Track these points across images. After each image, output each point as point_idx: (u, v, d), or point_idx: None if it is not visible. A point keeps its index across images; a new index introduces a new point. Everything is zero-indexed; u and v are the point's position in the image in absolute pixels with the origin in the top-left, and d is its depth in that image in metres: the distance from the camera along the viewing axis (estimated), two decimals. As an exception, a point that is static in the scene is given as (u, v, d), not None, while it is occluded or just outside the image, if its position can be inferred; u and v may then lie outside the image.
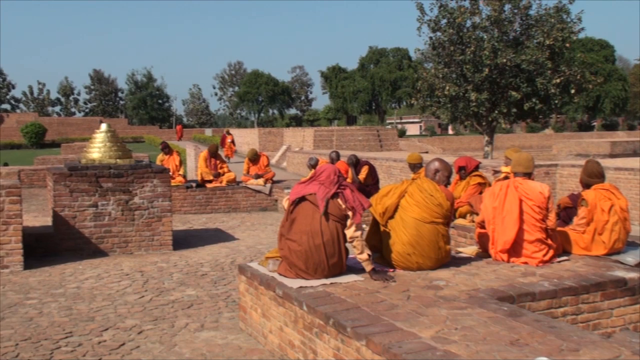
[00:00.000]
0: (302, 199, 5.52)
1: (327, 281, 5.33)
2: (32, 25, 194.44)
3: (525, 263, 6.00)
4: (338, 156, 14.25)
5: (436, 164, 6.09)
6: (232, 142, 36.27)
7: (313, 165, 13.60)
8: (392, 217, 5.83)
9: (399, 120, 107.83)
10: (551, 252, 6.06)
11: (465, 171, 9.14)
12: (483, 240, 6.45)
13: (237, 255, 9.62)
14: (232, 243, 10.75)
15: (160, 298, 7.19)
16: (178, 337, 5.84)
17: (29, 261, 8.72)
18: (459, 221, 8.66)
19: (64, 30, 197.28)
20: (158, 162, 15.35)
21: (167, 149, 16.05)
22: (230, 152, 34.96)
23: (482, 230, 6.44)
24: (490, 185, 8.30)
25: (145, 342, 5.69)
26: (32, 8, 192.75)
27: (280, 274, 5.53)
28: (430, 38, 29.22)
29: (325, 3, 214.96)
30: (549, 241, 6.06)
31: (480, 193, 8.61)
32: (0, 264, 8.43)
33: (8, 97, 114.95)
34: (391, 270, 5.75)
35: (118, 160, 10.14)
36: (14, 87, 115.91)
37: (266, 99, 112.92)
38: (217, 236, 11.45)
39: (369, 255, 5.43)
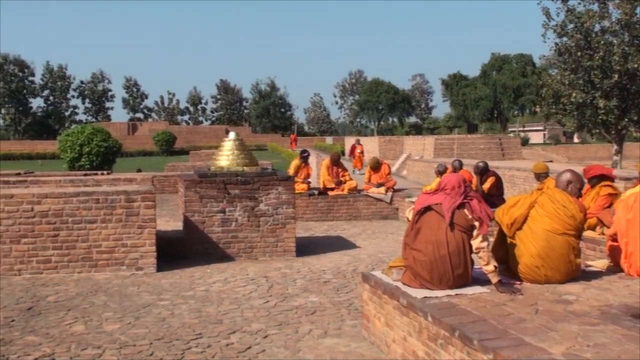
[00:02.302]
0: (428, 208, 5.50)
1: (452, 292, 5.27)
2: (163, 39, 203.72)
3: (662, 279, 5.70)
4: (461, 165, 14.08)
5: (568, 175, 5.90)
6: (362, 152, 34.81)
7: (441, 171, 13.51)
8: (520, 228, 5.70)
9: (521, 128, 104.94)
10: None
11: (598, 180, 8.79)
12: (615, 254, 6.19)
13: (358, 263, 9.67)
14: (353, 251, 10.82)
15: (285, 303, 7.33)
16: (302, 342, 5.94)
17: (161, 264, 9.12)
18: (588, 233, 8.32)
19: (194, 42, 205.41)
20: (293, 168, 15.54)
21: (306, 157, 16.15)
22: (360, 164, 33.61)
23: (614, 243, 6.18)
24: (621, 196, 7.94)
25: (271, 347, 5.82)
26: (164, 23, 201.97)
27: (404, 284, 5.52)
28: (556, 44, 28.30)
29: (446, 10, 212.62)
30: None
31: (610, 205, 8.27)
32: (135, 266, 8.88)
33: (141, 106, 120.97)
34: (518, 282, 5.62)
35: (245, 167, 10.45)
36: (146, 97, 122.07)
37: (386, 107, 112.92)
38: (339, 244, 11.55)
39: (495, 266, 5.33)
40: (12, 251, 8.57)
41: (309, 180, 15.90)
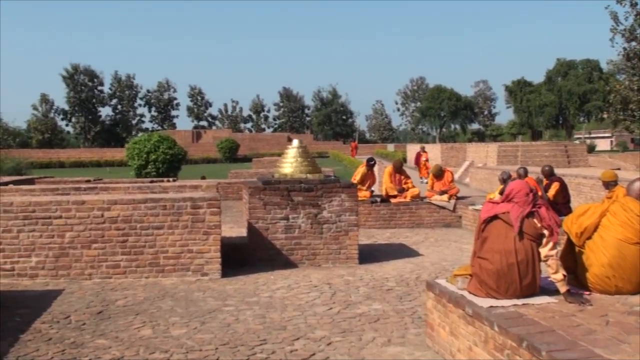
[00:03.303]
0: (494, 217, 5.43)
1: (519, 302, 5.19)
2: (227, 48, 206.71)
3: None
4: (526, 172, 13.84)
5: (641, 184, 5.74)
6: (428, 160, 33.07)
7: (505, 179, 13.33)
8: (589, 237, 5.57)
9: (587, 135, 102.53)
10: None
11: None
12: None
13: (422, 271, 9.61)
14: (416, 259, 10.75)
15: (348, 311, 7.33)
16: (366, 350, 5.93)
17: (226, 270, 9.24)
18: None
19: (257, 51, 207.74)
20: (359, 175, 15.56)
21: (372, 163, 16.19)
22: (426, 172, 31.37)
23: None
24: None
25: (335, 354, 5.82)
26: (228, 33, 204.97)
27: (470, 292, 5.46)
28: (625, 48, 27.61)
29: (510, 15, 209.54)
30: None
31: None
32: (201, 272, 9.03)
33: (205, 114, 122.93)
34: (587, 292, 5.49)
35: (308, 175, 10.51)
36: (210, 105, 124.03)
37: (448, 114, 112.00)
38: (401, 251, 11.50)
39: (564, 275, 5.23)
40: (83, 256, 8.83)
41: (372, 188, 15.89)
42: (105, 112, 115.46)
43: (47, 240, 8.79)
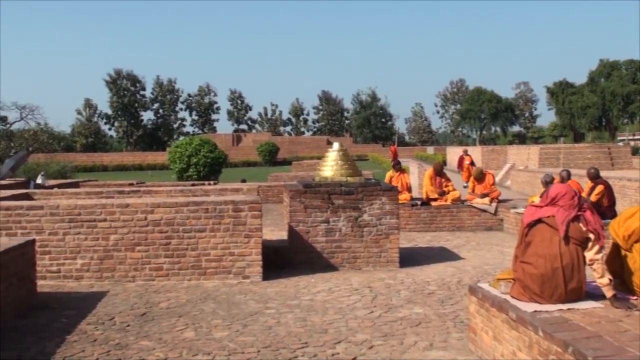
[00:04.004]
0: (538, 221, 5.36)
1: (564, 306, 5.11)
2: (267, 52, 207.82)
3: None
4: (569, 175, 13.67)
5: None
6: (472, 163, 31.87)
7: (548, 182, 13.16)
8: (637, 240, 5.46)
9: (631, 137, 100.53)
10: None
11: None
12: None
13: (463, 275, 9.54)
14: (457, 262, 10.68)
15: (389, 314, 7.31)
16: (407, 354, 5.90)
17: (267, 272, 9.29)
18: None
19: (296, 54, 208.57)
20: (387, 179, 15.66)
21: (398, 167, 16.32)
22: (469, 176, 30.96)
23: None
24: None
25: (376, 358, 5.81)
26: (268, 37, 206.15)
27: (513, 297, 5.40)
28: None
29: (551, 15, 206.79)
30: None
31: None
32: (242, 274, 9.09)
33: (246, 118, 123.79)
34: (634, 297, 5.39)
35: (349, 178, 10.51)
36: (250, 109, 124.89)
37: (488, 116, 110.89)
38: (442, 255, 11.43)
39: (610, 279, 5.14)
40: (127, 258, 8.96)
41: (406, 190, 15.82)
42: (147, 116, 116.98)
43: (92, 242, 8.95)
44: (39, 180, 16.91)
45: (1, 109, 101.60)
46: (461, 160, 34.04)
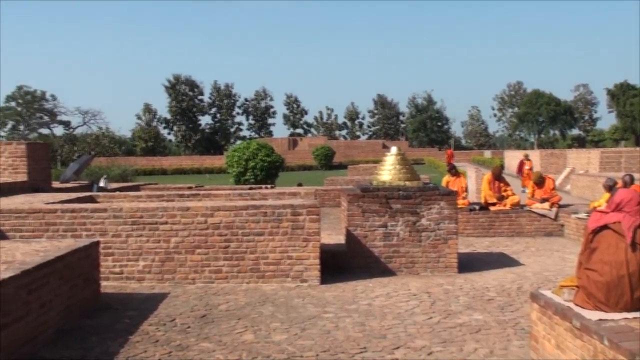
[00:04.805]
0: (604, 227, 5.24)
1: (630, 315, 4.98)
2: (323, 56, 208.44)
3: None
4: (632, 179, 13.33)
5: None
6: (531, 169, 31.09)
7: (610, 186, 12.87)
8: None
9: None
10: None
11: None
12: None
13: (523, 282, 9.39)
14: (517, 268, 10.52)
15: (448, 320, 7.25)
16: (468, 361, 5.85)
17: (324, 276, 9.31)
18: None
19: (351, 58, 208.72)
20: (444, 184, 15.57)
21: (454, 171, 16.22)
22: (529, 181, 30.02)
23: None
24: None
25: (436, 363, 5.78)
26: (324, 42, 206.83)
27: (577, 305, 5.29)
28: None
29: (611, 15, 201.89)
30: None
31: None
32: (300, 278, 9.14)
33: (301, 122, 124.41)
34: None
35: (407, 182, 10.47)
36: (306, 113, 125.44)
37: (547, 119, 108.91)
38: (501, 260, 11.28)
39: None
40: (187, 261, 9.10)
41: (463, 194, 15.66)
42: (205, 120, 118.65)
43: (154, 245, 9.12)
44: (101, 184, 17.28)
45: (65, 114, 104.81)
46: (521, 165, 33.27)
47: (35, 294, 6.08)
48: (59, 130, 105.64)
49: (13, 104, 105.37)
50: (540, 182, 15.38)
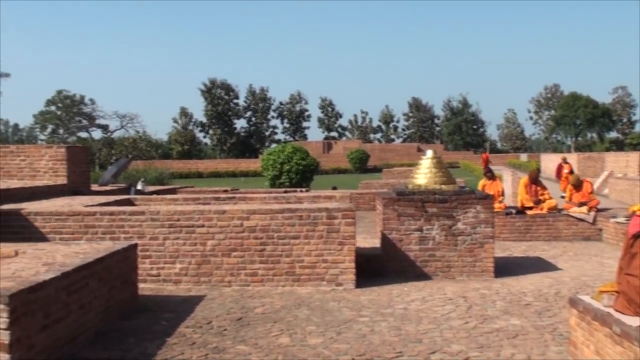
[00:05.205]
0: (645, 232, 5.16)
1: (671, 322, 4.90)
2: (356, 59, 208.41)
3: None
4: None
5: None
6: (570, 172, 28.86)
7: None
8: None
9: None
10: None
11: None
12: None
13: (561, 287, 9.28)
14: (554, 273, 10.40)
15: (485, 325, 7.20)
16: (505, 366, 5.80)
17: (360, 280, 9.30)
18: None
19: (386, 61, 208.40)
20: (480, 188, 15.46)
21: (490, 174, 16.09)
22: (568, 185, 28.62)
23: None
24: None
25: (472, 368, 5.74)
26: (357, 45, 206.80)
27: (617, 310, 5.22)
28: None
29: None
30: None
31: None
32: (335, 281, 9.14)
33: (336, 125, 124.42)
34: None
35: (443, 186, 10.42)
36: (341, 116, 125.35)
37: (584, 122, 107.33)
38: (539, 265, 11.16)
39: None
40: (223, 264, 9.17)
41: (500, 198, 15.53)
42: (240, 124, 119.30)
43: (190, 247, 9.20)
44: (139, 187, 17.51)
45: (103, 118, 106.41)
46: (559, 168, 32.45)
47: (75, 295, 6.18)
48: (97, 134, 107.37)
49: (53, 108, 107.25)
50: (578, 185, 15.20)
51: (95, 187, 16.30)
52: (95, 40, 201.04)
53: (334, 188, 27.68)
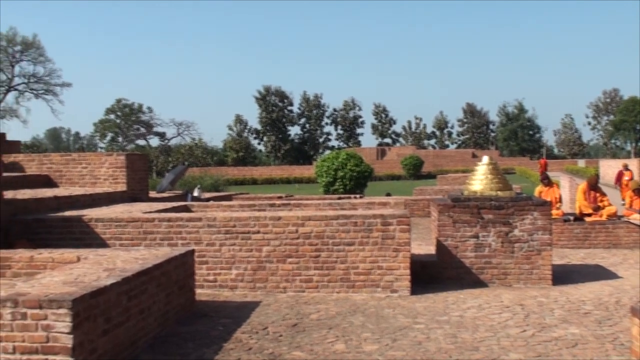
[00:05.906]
0: None
1: None
2: (410, 65, 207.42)
3: None
4: None
5: None
6: (632, 179, 27.88)
7: None
8: None
9: None
10: None
11: None
12: None
13: (622, 295, 9.07)
14: (615, 281, 10.17)
15: (543, 334, 7.08)
16: (564, 376, 5.70)
17: (415, 287, 9.26)
18: None
19: (440, 67, 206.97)
20: (536, 194, 15.24)
21: (547, 181, 15.85)
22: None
23: None
24: None
25: (530, 377, 5.66)
26: (411, 51, 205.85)
27: (681, 320, 5.09)
28: None
29: None
30: None
31: None
32: (390, 288, 9.12)
33: (389, 131, 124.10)
34: None
35: (499, 192, 10.31)
36: (394, 123, 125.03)
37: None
38: (598, 273, 10.93)
39: None
40: (279, 270, 9.24)
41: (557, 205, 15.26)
42: (294, 131, 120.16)
43: (246, 254, 9.30)
44: (195, 193, 17.78)
45: (160, 126, 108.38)
46: (620, 175, 31.42)
47: (135, 300, 6.31)
48: (154, 142, 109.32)
49: (112, 116, 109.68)
50: (638, 191, 14.84)
51: (153, 193, 16.60)
52: (153, 49, 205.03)
53: (388, 194, 27.60)
